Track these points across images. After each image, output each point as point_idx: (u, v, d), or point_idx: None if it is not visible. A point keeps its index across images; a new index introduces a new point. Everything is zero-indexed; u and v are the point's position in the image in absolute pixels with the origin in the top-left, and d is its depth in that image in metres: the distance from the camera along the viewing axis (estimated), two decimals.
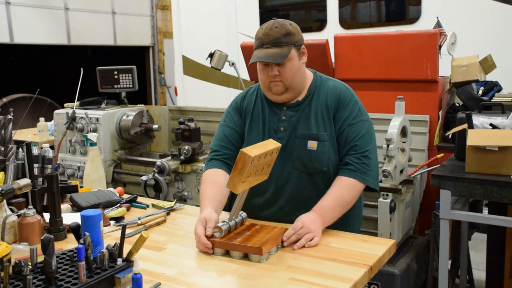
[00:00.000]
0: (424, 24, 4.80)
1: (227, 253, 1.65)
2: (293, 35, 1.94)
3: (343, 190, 1.89)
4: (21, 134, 4.41)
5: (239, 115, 2.13)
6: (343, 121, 1.97)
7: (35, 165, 2.05)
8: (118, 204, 2.18)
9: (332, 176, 1.96)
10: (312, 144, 1.96)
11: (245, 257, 1.62)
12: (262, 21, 6.21)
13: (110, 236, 1.86)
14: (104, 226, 1.76)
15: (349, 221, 2.01)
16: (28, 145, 1.98)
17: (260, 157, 1.62)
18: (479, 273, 3.50)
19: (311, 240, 1.71)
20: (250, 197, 1.88)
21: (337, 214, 1.86)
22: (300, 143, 1.97)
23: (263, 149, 1.64)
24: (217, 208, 1.87)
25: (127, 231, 1.79)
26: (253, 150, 1.61)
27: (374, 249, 1.68)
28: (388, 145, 2.65)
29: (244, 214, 1.80)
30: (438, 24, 3.46)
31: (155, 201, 2.27)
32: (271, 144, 1.70)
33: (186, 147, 3.34)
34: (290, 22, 1.98)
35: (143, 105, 4.13)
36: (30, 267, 1.35)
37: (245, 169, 1.58)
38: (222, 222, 1.72)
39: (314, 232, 1.73)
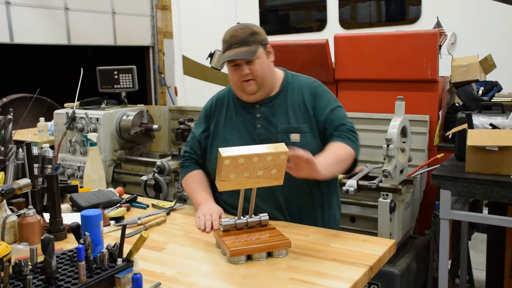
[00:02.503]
0: (424, 24, 4.80)
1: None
2: (258, 34, 2.02)
3: (335, 148, 1.95)
4: (21, 134, 4.40)
5: (207, 122, 2.21)
6: (323, 108, 2.06)
7: (35, 165, 2.05)
8: (118, 204, 2.18)
9: None
10: (295, 137, 2.03)
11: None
12: (262, 21, 6.25)
13: (110, 236, 1.86)
14: (104, 226, 1.75)
15: (324, 221, 2.08)
16: (28, 145, 1.98)
17: (243, 158, 1.60)
18: (479, 273, 3.50)
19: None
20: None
21: (331, 167, 1.86)
22: (283, 137, 2.02)
23: (249, 151, 1.62)
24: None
25: (127, 231, 1.79)
26: (231, 150, 1.61)
27: (374, 249, 1.68)
28: (388, 145, 2.65)
29: (264, 216, 1.78)
30: (438, 24, 3.46)
31: (155, 201, 2.27)
32: (270, 148, 1.66)
33: None
34: (254, 24, 2.07)
35: (143, 105, 4.13)
36: (30, 267, 1.35)
37: (221, 168, 1.60)
38: (231, 218, 1.74)
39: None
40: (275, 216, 1.99)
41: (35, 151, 2.06)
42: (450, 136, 2.88)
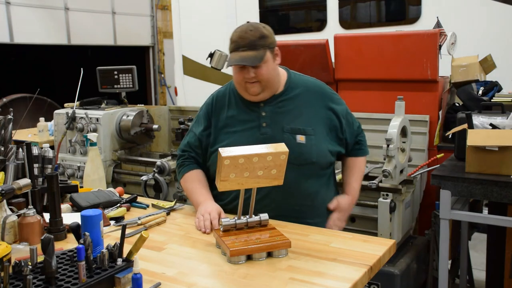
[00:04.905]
0: (424, 24, 4.80)
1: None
2: (267, 38, 1.99)
3: (362, 167, 2.27)
4: (21, 134, 4.40)
5: (208, 120, 2.17)
6: (341, 115, 2.14)
7: (35, 165, 2.05)
8: (118, 204, 2.17)
9: (319, 167, 2.08)
10: (301, 138, 2.04)
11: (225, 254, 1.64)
12: (262, 21, 6.21)
13: (110, 236, 1.86)
14: (104, 226, 1.76)
15: (321, 218, 2.12)
16: (28, 145, 1.97)
17: (243, 158, 1.60)
18: (479, 273, 3.50)
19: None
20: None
21: (359, 188, 2.27)
22: (289, 138, 2.03)
23: (249, 151, 1.62)
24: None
25: (127, 231, 1.79)
26: (231, 150, 1.61)
27: (374, 249, 1.68)
28: (388, 145, 2.65)
29: (264, 216, 1.77)
30: (438, 24, 3.46)
31: (155, 201, 2.27)
32: (270, 148, 1.66)
33: None
34: (264, 25, 2.03)
35: (143, 105, 4.13)
36: (30, 267, 1.35)
37: (221, 168, 1.60)
38: (231, 218, 1.73)
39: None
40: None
41: (35, 151, 2.06)
42: (450, 136, 2.88)
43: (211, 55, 3.71)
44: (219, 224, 1.76)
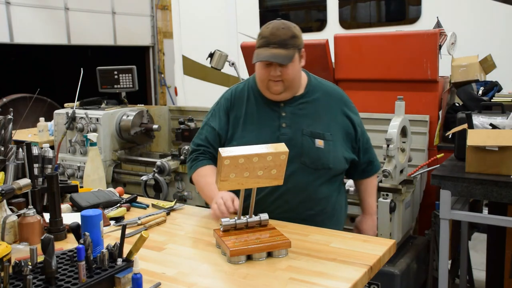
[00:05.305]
0: (424, 24, 4.81)
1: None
2: (297, 38, 1.99)
3: (376, 182, 2.35)
4: (21, 134, 4.40)
5: (227, 116, 2.13)
6: (356, 124, 2.14)
7: (35, 165, 2.05)
8: (118, 204, 2.17)
9: (333, 172, 2.07)
10: (320, 142, 2.03)
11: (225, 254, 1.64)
12: (262, 21, 6.24)
13: (110, 236, 1.86)
14: (104, 226, 1.75)
15: (331, 223, 2.09)
16: (28, 145, 1.97)
17: (244, 158, 1.60)
18: (479, 273, 3.50)
19: None
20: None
21: (376, 203, 2.38)
22: (308, 141, 2.02)
23: (250, 151, 1.62)
24: None
25: (127, 231, 1.79)
26: (231, 150, 1.61)
27: (374, 249, 1.68)
28: (388, 145, 2.65)
29: (264, 216, 1.77)
30: (438, 24, 3.46)
31: (155, 201, 2.27)
32: (270, 148, 1.66)
33: (186, 147, 3.34)
34: (294, 25, 2.02)
35: (143, 105, 4.13)
36: (30, 267, 1.35)
37: (221, 168, 1.60)
38: (232, 218, 1.73)
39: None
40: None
41: (35, 151, 2.06)
42: (450, 136, 2.88)
43: (211, 55, 3.72)
44: (220, 223, 1.75)
